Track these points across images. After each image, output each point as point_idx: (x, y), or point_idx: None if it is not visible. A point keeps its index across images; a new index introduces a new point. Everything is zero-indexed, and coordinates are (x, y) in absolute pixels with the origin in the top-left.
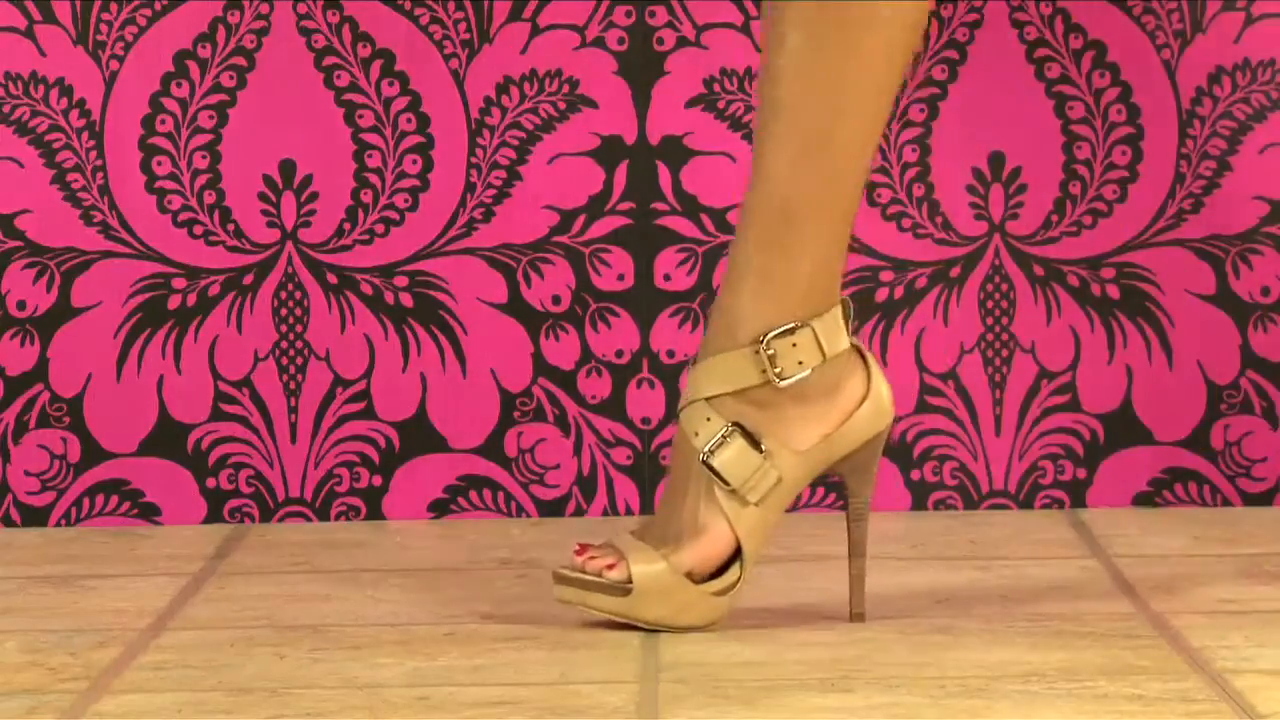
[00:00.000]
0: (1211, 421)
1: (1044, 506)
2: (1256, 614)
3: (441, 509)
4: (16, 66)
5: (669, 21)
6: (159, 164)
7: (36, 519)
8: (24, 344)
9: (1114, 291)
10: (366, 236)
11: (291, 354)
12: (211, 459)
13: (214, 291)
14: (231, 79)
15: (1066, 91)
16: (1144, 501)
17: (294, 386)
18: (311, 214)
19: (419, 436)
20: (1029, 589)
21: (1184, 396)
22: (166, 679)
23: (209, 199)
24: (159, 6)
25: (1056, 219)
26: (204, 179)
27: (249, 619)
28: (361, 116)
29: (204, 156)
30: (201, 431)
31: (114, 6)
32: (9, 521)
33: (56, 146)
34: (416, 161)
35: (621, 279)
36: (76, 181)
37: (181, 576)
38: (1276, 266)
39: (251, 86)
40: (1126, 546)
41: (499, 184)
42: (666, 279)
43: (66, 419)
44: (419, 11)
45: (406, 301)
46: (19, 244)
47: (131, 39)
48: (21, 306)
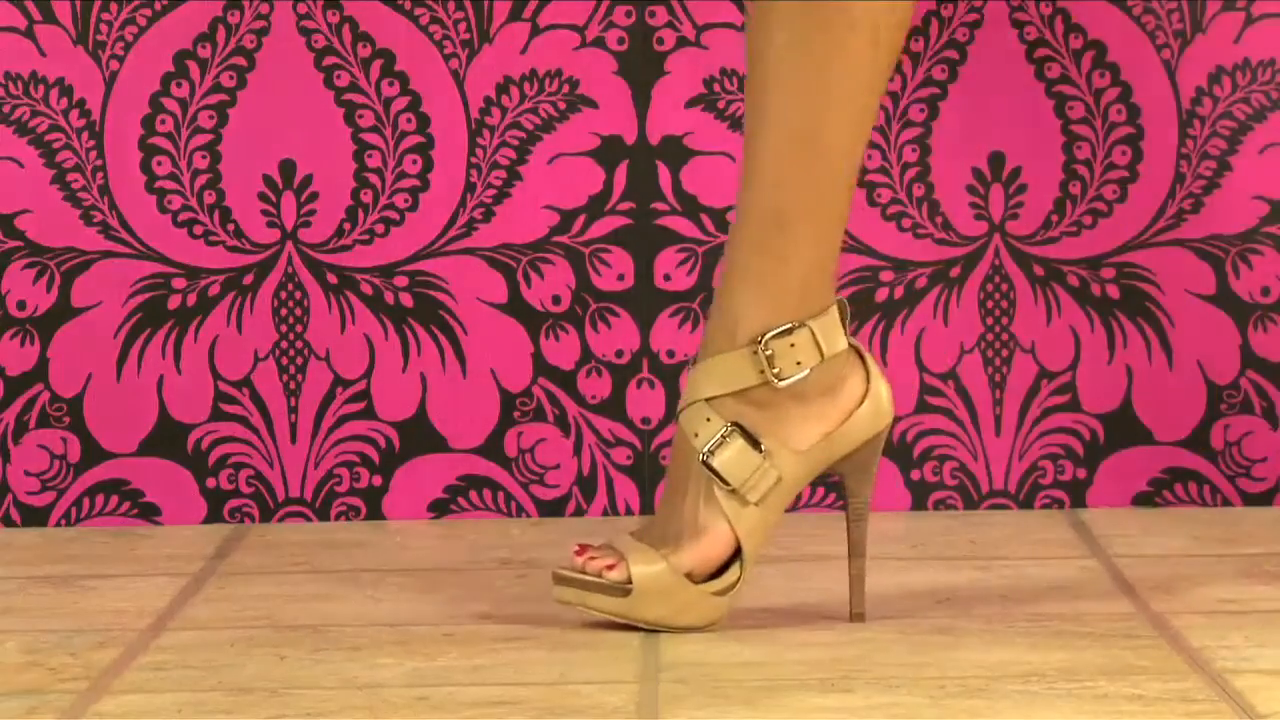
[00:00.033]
0: (1211, 421)
1: (1044, 506)
2: (1256, 614)
3: (441, 509)
4: (16, 66)
5: (669, 21)
6: (159, 164)
7: (36, 519)
8: (24, 344)
9: (1114, 291)
10: (366, 236)
11: (291, 354)
12: (211, 459)
13: (214, 291)
14: (231, 79)
15: (1066, 91)
16: (1144, 501)
17: (294, 386)
18: (311, 214)
19: (419, 436)
20: (1029, 589)
21: (1184, 396)
22: (166, 679)
23: (209, 199)
24: (159, 6)
25: (1056, 219)
26: (204, 179)
27: (249, 619)
28: (361, 116)
29: (204, 156)
30: (201, 431)
31: (114, 6)
32: (9, 521)
33: (56, 146)
34: (416, 161)
35: (621, 279)
36: (76, 181)
37: (181, 576)
38: (1276, 266)
39: (251, 86)
40: (1126, 546)
41: (499, 184)
42: (666, 279)
43: (66, 419)
44: (419, 11)
45: (406, 301)
46: (19, 244)
47: (131, 39)
48: (21, 306)
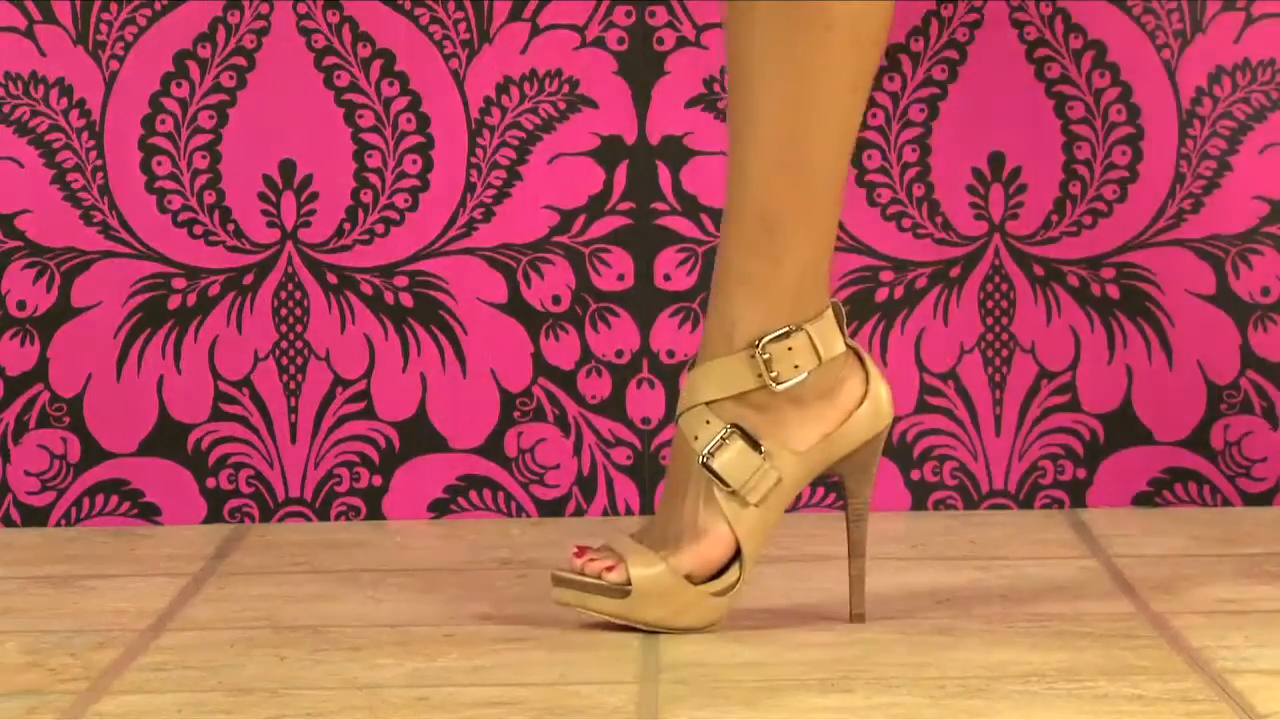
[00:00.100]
0: (1211, 421)
1: (1044, 506)
2: (1256, 614)
3: (441, 509)
4: (16, 66)
5: (669, 21)
6: (159, 164)
7: (36, 519)
8: (24, 344)
9: (1114, 291)
10: (366, 236)
11: (291, 354)
12: (211, 459)
13: (214, 291)
14: (231, 79)
15: (1066, 91)
16: (1144, 501)
17: (294, 386)
18: (311, 214)
19: (419, 436)
20: (1029, 589)
21: (1184, 396)
22: (166, 680)
23: (209, 199)
24: (159, 6)
25: (1056, 219)
26: (204, 179)
27: (249, 619)
28: (361, 116)
29: (204, 156)
30: (201, 431)
31: (114, 6)
32: (9, 521)
33: (56, 146)
34: (416, 161)
35: (621, 279)
36: (76, 181)
37: (181, 577)
38: (1276, 266)
39: (251, 86)
40: (1126, 546)
41: (499, 184)
42: (666, 279)
43: (66, 419)
44: (419, 11)
45: (406, 301)
46: (19, 244)
47: (131, 39)
48: (21, 306)
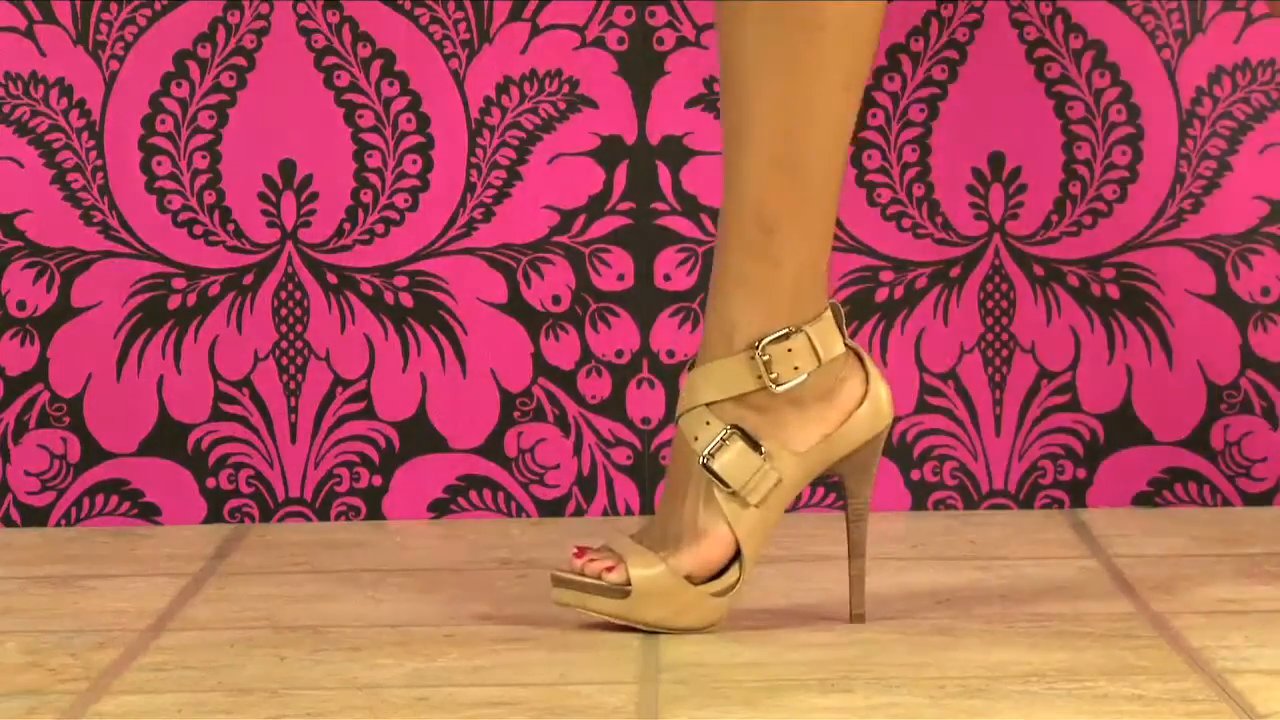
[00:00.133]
0: (1211, 421)
1: (1044, 506)
2: (1256, 614)
3: (441, 509)
4: (16, 66)
5: (669, 21)
6: (159, 164)
7: (36, 519)
8: (24, 344)
9: (1114, 291)
10: (366, 236)
11: (291, 354)
12: (211, 459)
13: (214, 291)
14: (231, 79)
15: (1066, 91)
16: (1144, 501)
17: (294, 386)
18: (311, 214)
19: (419, 436)
20: (1029, 589)
21: (1184, 396)
22: (166, 680)
23: (209, 199)
24: (159, 6)
25: (1056, 219)
26: (204, 179)
27: (249, 619)
28: (361, 116)
29: (204, 156)
30: (201, 431)
31: (114, 6)
32: (9, 521)
33: (56, 146)
34: (416, 161)
35: (621, 279)
36: (76, 181)
37: (181, 577)
38: (1276, 266)
39: (251, 86)
40: (1126, 546)
41: (499, 184)
42: (666, 279)
43: (66, 419)
44: (419, 11)
45: (406, 301)
46: (19, 244)
47: (131, 39)
48: (21, 306)
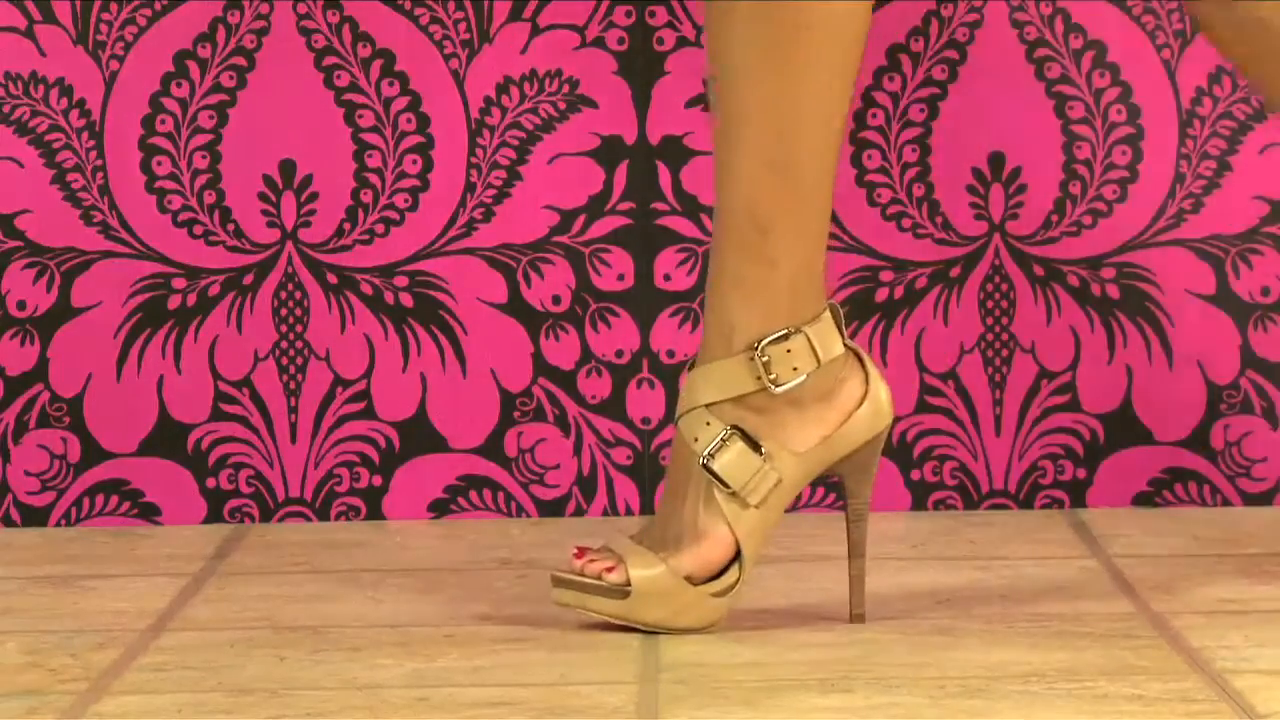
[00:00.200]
0: (1211, 421)
1: (1044, 506)
2: (1256, 614)
3: (441, 509)
4: (16, 66)
5: (669, 21)
6: (159, 164)
7: (36, 519)
8: (24, 344)
9: (1114, 291)
10: (366, 236)
11: (291, 354)
12: (211, 459)
13: (214, 291)
14: (231, 79)
15: (1066, 91)
16: (1144, 501)
17: (294, 386)
18: (311, 214)
19: (419, 436)
20: (1029, 589)
21: (1184, 396)
22: (166, 680)
23: (209, 199)
24: (159, 6)
25: (1056, 219)
26: (204, 179)
27: (249, 620)
28: (361, 116)
29: (204, 156)
30: (201, 431)
31: (114, 6)
32: (9, 521)
33: (56, 146)
34: (416, 161)
35: (621, 279)
36: (76, 181)
37: (181, 577)
38: (1276, 266)
39: (251, 86)
40: (1126, 546)
41: (499, 184)
42: (666, 279)
43: (66, 419)
44: (419, 11)
45: (406, 301)
46: (19, 244)
47: (131, 39)
48: (21, 306)
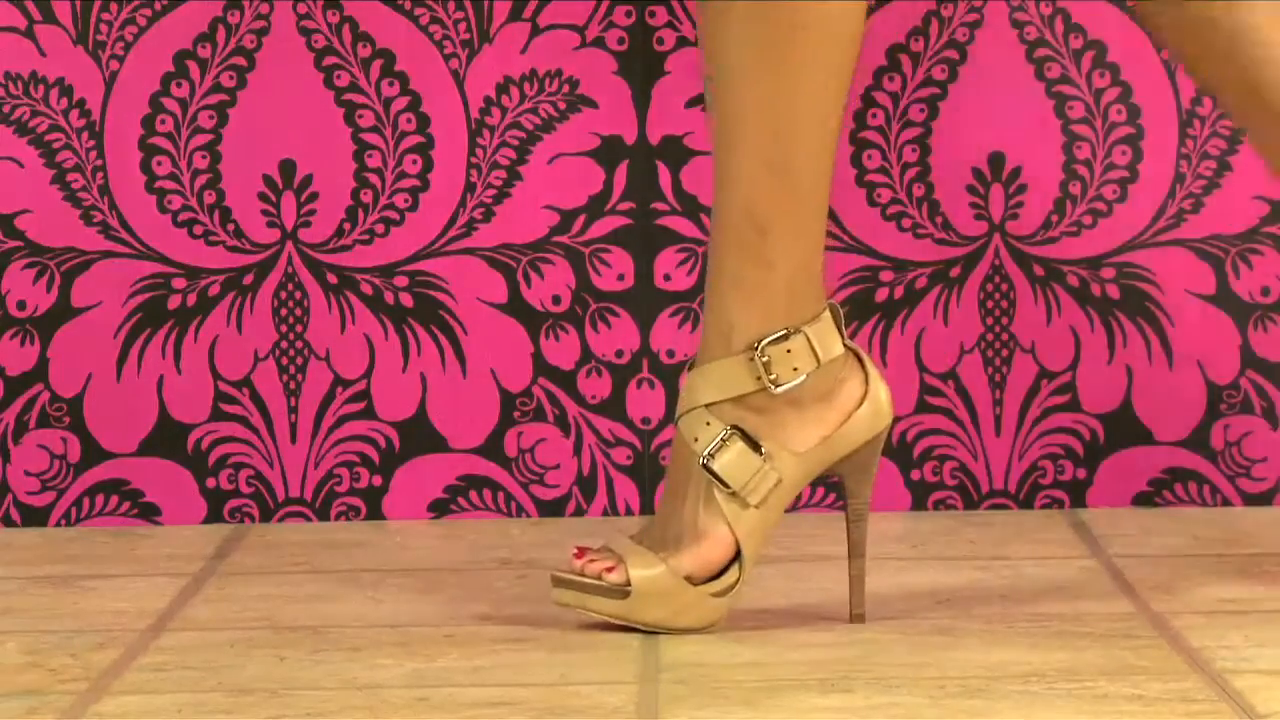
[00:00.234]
0: (1211, 421)
1: (1044, 506)
2: (1256, 614)
3: (441, 509)
4: (16, 66)
5: (669, 21)
6: (159, 164)
7: (36, 519)
8: (24, 344)
9: (1114, 291)
10: (366, 236)
11: (291, 354)
12: (211, 459)
13: (214, 291)
14: (231, 79)
15: (1066, 91)
16: (1144, 501)
17: (294, 386)
18: (311, 214)
19: (419, 436)
20: (1029, 589)
21: (1184, 396)
22: (166, 680)
23: (209, 199)
24: (159, 6)
25: (1056, 219)
26: (204, 179)
27: (249, 620)
28: (361, 116)
29: (204, 156)
30: (201, 431)
31: (114, 6)
32: (9, 521)
33: (56, 146)
34: (416, 161)
35: (621, 279)
36: (76, 181)
37: (181, 577)
38: (1276, 266)
39: (251, 86)
40: (1126, 546)
41: (499, 184)
42: (666, 279)
43: (66, 419)
44: (419, 11)
45: (406, 301)
46: (19, 244)
47: (131, 39)
48: (21, 306)
